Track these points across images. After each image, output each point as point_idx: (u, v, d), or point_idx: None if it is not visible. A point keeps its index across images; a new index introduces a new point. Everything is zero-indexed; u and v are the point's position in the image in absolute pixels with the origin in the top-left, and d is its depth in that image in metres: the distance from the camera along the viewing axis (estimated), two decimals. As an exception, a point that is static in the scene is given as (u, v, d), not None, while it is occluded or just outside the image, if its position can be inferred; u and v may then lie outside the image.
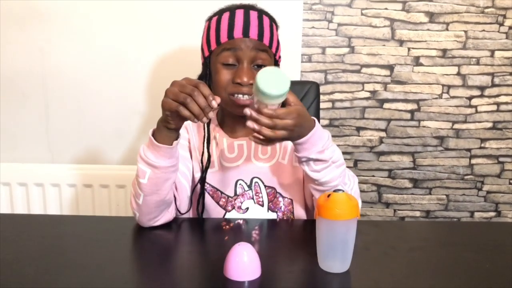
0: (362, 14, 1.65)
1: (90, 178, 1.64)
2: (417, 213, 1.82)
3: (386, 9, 1.65)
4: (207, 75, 1.11)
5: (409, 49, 1.68)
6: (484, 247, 0.92)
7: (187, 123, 1.16)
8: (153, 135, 0.97)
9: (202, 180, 1.11)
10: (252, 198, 1.12)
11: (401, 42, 1.68)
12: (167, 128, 0.95)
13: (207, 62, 1.11)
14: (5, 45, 1.63)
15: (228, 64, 1.06)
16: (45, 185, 1.64)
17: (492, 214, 1.81)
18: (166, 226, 1.03)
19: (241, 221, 1.04)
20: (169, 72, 1.64)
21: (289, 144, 1.14)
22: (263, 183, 1.12)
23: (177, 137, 0.98)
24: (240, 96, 1.04)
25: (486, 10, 1.65)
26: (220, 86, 1.06)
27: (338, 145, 1.71)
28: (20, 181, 1.64)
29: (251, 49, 1.05)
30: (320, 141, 0.95)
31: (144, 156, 0.98)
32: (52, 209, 1.65)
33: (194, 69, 1.52)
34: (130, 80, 1.66)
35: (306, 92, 1.43)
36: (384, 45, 1.68)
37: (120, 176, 1.63)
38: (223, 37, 1.06)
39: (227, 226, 1.02)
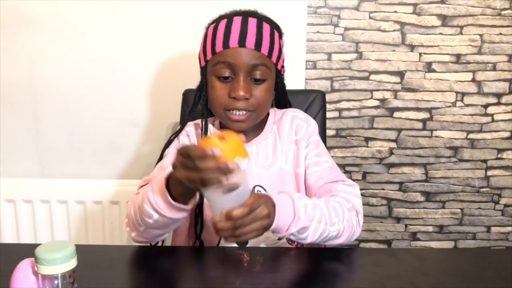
0: (370, 17, 1.56)
1: (82, 194, 1.55)
2: (430, 228, 1.71)
3: (395, 12, 1.55)
4: (204, 86, 1.06)
5: (420, 54, 1.58)
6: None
7: (189, 131, 1.11)
8: (167, 182, 0.84)
9: (200, 204, 1.02)
10: None
11: (412, 47, 1.58)
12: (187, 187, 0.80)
13: (204, 72, 1.06)
14: (-9, 53, 1.55)
15: (223, 77, 1.00)
16: (34, 202, 1.55)
17: (510, 229, 1.71)
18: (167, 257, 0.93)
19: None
20: (165, 81, 1.57)
21: (290, 149, 1.08)
22: (265, 191, 1.03)
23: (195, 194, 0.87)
24: (236, 112, 1.01)
25: (503, 12, 1.55)
26: (216, 101, 1.03)
27: (345, 157, 1.65)
28: (8, 198, 1.55)
29: (248, 61, 0.99)
30: (287, 213, 0.86)
31: (153, 202, 0.84)
32: (41, 227, 1.56)
33: (190, 77, 1.43)
34: (124, 90, 1.58)
35: (311, 102, 1.36)
36: (394, 51, 1.58)
37: (114, 192, 1.54)
38: (218, 46, 1.01)
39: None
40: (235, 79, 1.00)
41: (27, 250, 0.81)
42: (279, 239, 0.95)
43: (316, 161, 1.06)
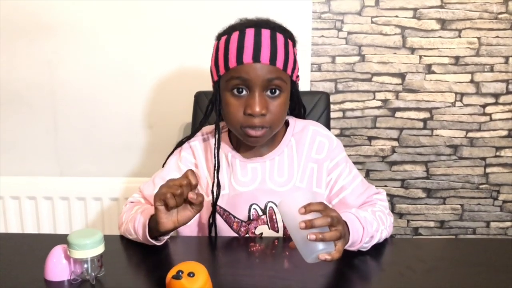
0: (372, 22, 1.62)
1: (99, 191, 1.62)
2: (431, 224, 1.78)
3: (396, 16, 1.62)
4: (217, 100, 1.03)
5: (420, 57, 1.65)
6: (505, 267, 0.89)
7: (194, 146, 1.11)
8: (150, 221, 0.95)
9: (213, 211, 1.07)
10: (267, 224, 1.06)
11: (412, 50, 1.64)
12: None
13: (217, 87, 1.03)
14: (13, 58, 1.63)
15: (237, 91, 0.98)
16: (54, 199, 1.62)
17: (509, 224, 1.77)
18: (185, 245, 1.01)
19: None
20: (177, 84, 1.64)
21: (307, 166, 1.08)
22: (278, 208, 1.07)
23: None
24: (252, 129, 0.99)
25: (499, 16, 1.61)
26: (232, 118, 1.00)
27: (349, 155, 1.70)
28: (29, 195, 1.63)
29: (263, 76, 0.96)
30: (357, 227, 0.92)
31: (136, 229, 0.97)
32: (61, 223, 1.64)
33: (201, 80, 1.51)
34: (139, 92, 1.65)
35: (316, 103, 1.40)
36: (395, 53, 1.64)
37: (129, 189, 1.61)
38: (232, 62, 0.97)
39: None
40: (250, 95, 0.97)
41: (52, 240, 0.89)
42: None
43: (351, 178, 1.09)
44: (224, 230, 1.07)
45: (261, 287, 0.82)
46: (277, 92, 0.99)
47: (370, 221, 0.95)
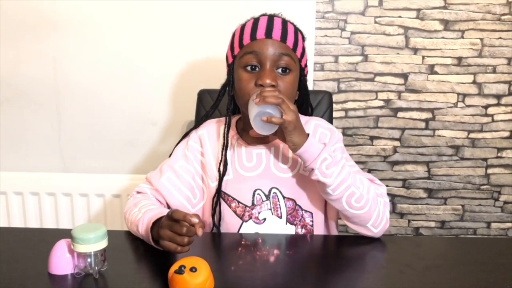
0: (375, 22, 1.63)
1: (102, 188, 1.63)
2: (432, 224, 1.78)
3: (400, 17, 1.62)
4: (230, 82, 1.08)
5: (423, 57, 1.65)
6: (504, 266, 0.90)
7: (201, 135, 1.14)
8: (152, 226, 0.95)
9: (218, 189, 1.08)
10: (270, 209, 1.08)
11: (415, 50, 1.65)
12: None
13: (231, 70, 1.08)
14: (18, 54, 1.64)
15: (250, 67, 1.03)
16: (57, 195, 1.64)
17: (510, 225, 1.78)
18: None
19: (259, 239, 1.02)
20: (181, 82, 1.65)
21: None
22: (282, 194, 1.08)
23: None
24: None
25: (502, 17, 1.62)
26: (243, 92, 1.04)
27: (351, 155, 1.72)
28: (32, 191, 1.64)
29: (274, 50, 1.02)
30: (318, 144, 0.97)
31: (140, 233, 0.97)
32: (63, 219, 1.65)
33: (205, 78, 1.52)
34: (142, 89, 1.66)
35: (319, 102, 1.41)
36: (398, 54, 1.65)
37: (132, 186, 1.62)
38: (246, 40, 1.04)
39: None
40: (261, 69, 1.02)
41: (55, 235, 0.90)
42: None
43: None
44: (228, 215, 1.09)
45: (262, 283, 0.83)
46: (287, 70, 1.04)
47: (339, 158, 0.98)
